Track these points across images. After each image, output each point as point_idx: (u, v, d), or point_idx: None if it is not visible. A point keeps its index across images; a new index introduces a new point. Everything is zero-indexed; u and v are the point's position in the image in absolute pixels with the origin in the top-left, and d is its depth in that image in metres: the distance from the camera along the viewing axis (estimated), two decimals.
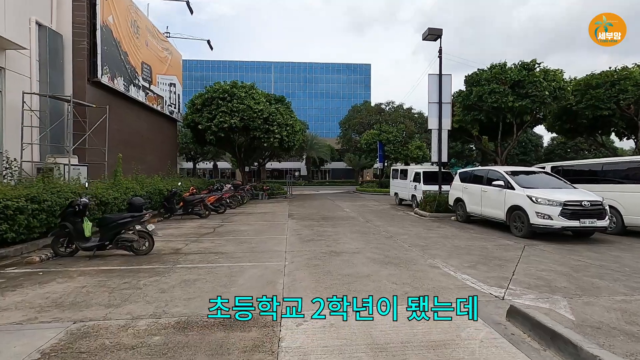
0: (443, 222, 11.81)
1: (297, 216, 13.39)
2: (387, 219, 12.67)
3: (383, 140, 30.49)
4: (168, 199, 12.44)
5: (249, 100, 21.31)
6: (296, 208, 16.87)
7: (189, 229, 10.32)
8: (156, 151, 18.67)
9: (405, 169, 17.73)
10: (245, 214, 14.32)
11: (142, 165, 16.92)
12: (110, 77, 13.15)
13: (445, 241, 8.23)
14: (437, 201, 13.39)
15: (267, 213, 14.51)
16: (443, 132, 14.20)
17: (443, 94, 14.12)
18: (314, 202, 20.42)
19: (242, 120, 20.87)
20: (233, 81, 22.20)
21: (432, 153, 14.25)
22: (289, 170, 62.01)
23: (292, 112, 24.40)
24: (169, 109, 20.25)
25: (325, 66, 73.62)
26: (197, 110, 21.30)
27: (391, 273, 5.45)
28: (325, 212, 14.78)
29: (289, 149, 25.31)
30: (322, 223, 11.34)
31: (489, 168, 10.82)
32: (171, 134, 21.47)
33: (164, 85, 18.90)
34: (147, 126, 17.26)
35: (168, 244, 8.00)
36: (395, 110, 33.99)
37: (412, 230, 9.92)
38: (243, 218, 12.82)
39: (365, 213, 14.54)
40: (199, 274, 5.47)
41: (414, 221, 11.94)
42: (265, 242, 8.11)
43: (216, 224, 11.33)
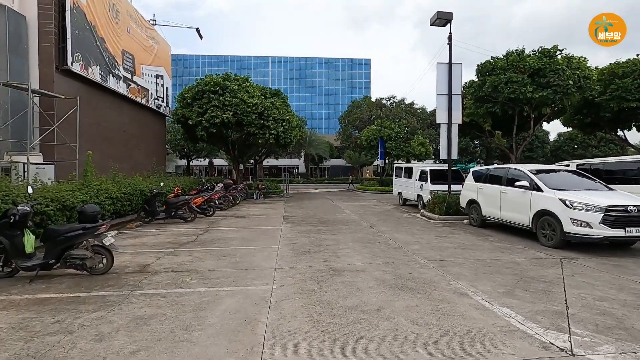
0: (455, 226, 10.58)
1: (293, 219, 12.15)
2: (392, 222, 11.44)
3: (384, 136, 29.21)
4: (149, 201, 11.18)
5: (243, 93, 20.01)
6: (292, 209, 15.62)
7: (168, 236, 9.06)
8: (142, 148, 17.38)
9: (410, 167, 16.49)
10: (236, 216, 13.07)
11: (125, 163, 15.65)
12: (84, 65, 11.83)
13: (464, 253, 6.99)
14: (447, 203, 12.16)
15: (260, 216, 13.26)
16: (453, 127, 12.94)
17: (453, 84, 12.85)
18: (312, 202, 19.18)
19: (235, 115, 19.58)
20: (226, 73, 20.88)
21: (441, 149, 13.00)
22: (287, 167, 60.77)
23: (288, 107, 23.13)
24: (156, 103, 18.92)
25: (324, 61, 72.09)
26: (187, 105, 19.99)
27: (409, 305, 4.21)
28: (324, 215, 13.54)
29: (286, 146, 24.06)
30: (320, 229, 10.10)
31: (508, 166, 9.57)
32: (159, 129, 20.15)
33: (149, 76, 17.58)
34: (130, 121, 15.96)
35: (137, 257, 6.74)
36: (396, 106, 32.67)
37: (423, 237, 8.68)
38: (232, 222, 11.56)
39: (367, 215, 13.31)
40: (159, 306, 4.23)
41: (423, 226, 10.70)
42: (252, 255, 6.86)
43: (201, 229, 10.07)
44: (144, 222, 11.27)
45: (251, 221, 11.77)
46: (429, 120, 32.82)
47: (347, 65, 72.21)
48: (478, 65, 13.36)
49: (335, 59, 72.26)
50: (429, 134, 31.23)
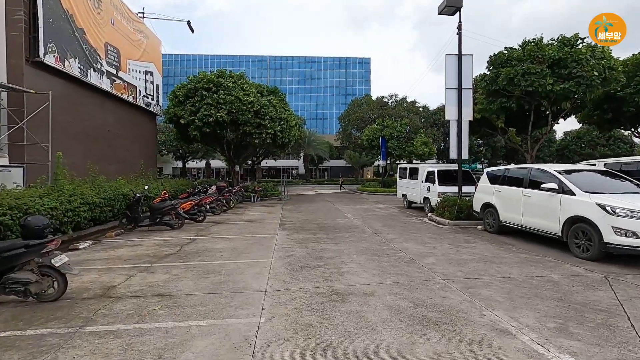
0: (469, 233, 9.56)
1: (290, 225, 11.13)
2: (399, 228, 10.42)
3: (386, 135, 28.23)
4: (131, 206, 10.16)
5: (238, 90, 19.02)
6: (290, 213, 14.61)
7: (148, 247, 8.04)
8: (130, 149, 16.35)
9: (415, 168, 15.48)
10: (228, 222, 12.05)
11: (111, 165, 14.64)
12: (59, 58, 10.81)
13: (489, 268, 5.97)
14: (458, 206, 11.14)
15: (254, 221, 12.24)
16: (463, 124, 11.92)
17: (463, 78, 11.83)
18: (311, 205, 18.16)
19: (230, 113, 18.58)
20: (220, 70, 19.89)
21: (451, 148, 11.99)
22: (286, 168, 59.78)
23: (286, 105, 22.14)
24: (145, 101, 17.90)
25: (323, 60, 71.09)
26: (180, 103, 19.00)
27: (436, 350, 3.19)
28: (324, 219, 12.52)
29: (284, 146, 23.07)
30: (319, 237, 9.08)
31: (530, 166, 8.56)
32: (149, 129, 19.11)
33: (137, 72, 16.57)
34: (116, 119, 14.93)
35: (104, 275, 5.72)
36: (398, 104, 31.66)
37: (437, 247, 7.66)
38: (224, 229, 10.54)
39: (371, 220, 12.29)
40: (108, 353, 3.21)
41: (434, 233, 9.68)
42: (240, 272, 5.84)
43: (187, 238, 9.04)
44: (126, 230, 10.25)
45: (244, 228, 10.75)
46: (431, 119, 31.86)
47: (347, 65, 71.18)
48: (490, 56, 12.34)
49: (335, 58, 71.25)
50: (432, 133, 30.23)
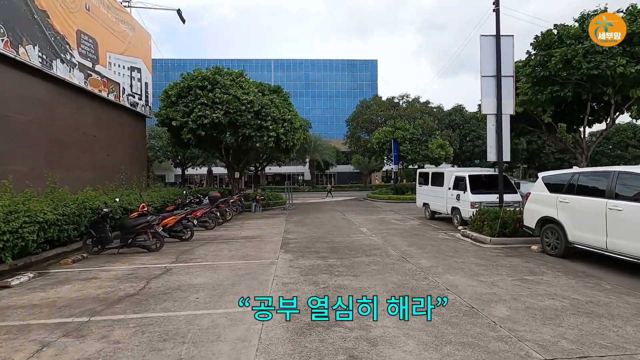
0: (525, 256, 7.40)
1: (295, 245, 9.05)
2: (432, 249, 8.29)
3: (397, 138, 26.12)
4: (96, 224, 8.17)
5: (236, 89, 17.11)
6: (295, 227, 12.54)
7: (103, 282, 6.01)
8: (112, 154, 14.46)
9: (439, 173, 13.35)
10: (220, 240, 10.00)
11: (87, 172, 12.73)
12: (10, 43, 8.95)
13: (604, 330, 3.83)
14: (501, 220, 8.99)
15: (251, 239, 10.18)
16: (504, 119, 9.82)
17: (503, 63, 9.76)
18: (319, 216, 16.07)
19: (227, 114, 16.66)
20: (216, 66, 18.03)
21: (489, 149, 9.88)
22: (292, 175, 57.83)
23: (290, 105, 20.19)
24: (131, 100, 16.04)
25: (328, 63, 69.31)
26: (172, 104, 17.14)
27: None
28: (335, 235, 10.43)
29: (288, 150, 21.06)
30: (332, 263, 6.98)
31: (616, 169, 6.40)
32: (136, 132, 17.23)
33: (120, 68, 14.75)
34: (93, 120, 13.05)
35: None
36: (410, 105, 29.59)
37: (498, 283, 5.52)
38: (212, 251, 8.49)
39: (392, 236, 10.17)
40: None
41: (479, 256, 7.53)
42: (215, 339, 3.78)
43: (161, 267, 7.00)
44: (91, 253, 8.26)
45: (237, 249, 8.68)
46: (446, 120, 29.66)
47: (353, 67, 69.30)
48: (536, 36, 10.20)
49: (341, 61, 69.42)
50: (447, 135, 28.04)
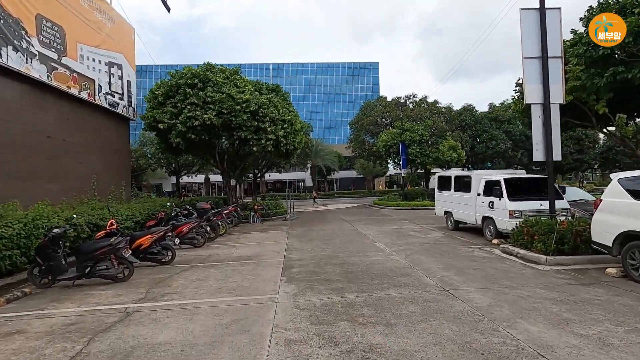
0: (609, 286, 5.57)
1: (299, 269, 7.22)
2: (476, 274, 6.45)
3: (406, 140, 24.35)
4: (42, 249, 6.35)
5: (230, 87, 15.41)
6: (299, 242, 10.72)
7: (27, 341, 4.18)
8: (85, 161, 12.67)
9: (465, 177, 11.54)
10: (207, 263, 8.17)
11: (53, 184, 10.95)
12: None
13: None
14: (558, 233, 7.16)
15: (246, 260, 8.34)
16: (552, 109, 8.05)
17: (549, 42, 8.02)
18: (325, 227, 14.24)
19: (221, 115, 14.94)
20: (208, 63, 16.35)
21: (534, 146, 8.08)
22: (293, 181, 56.08)
23: (290, 105, 18.49)
24: (110, 100, 14.28)
25: (328, 66, 67.76)
26: (159, 105, 15.45)
27: None
28: (348, 255, 8.59)
29: (289, 155, 19.28)
30: (352, 302, 5.13)
31: None
32: (117, 137, 15.45)
33: (95, 62, 13.02)
34: (61, 122, 11.26)
35: None
36: (417, 105, 27.88)
37: (609, 339, 3.68)
38: (193, 281, 6.66)
39: (417, 254, 8.34)
40: None
41: (545, 285, 5.68)
42: None
43: (117, 311, 5.17)
44: (39, 286, 6.43)
45: (227, 276, 6.85)
46: (456, 120, 27.91)
47: (354, 70, 67.73)
48: (589, 8, 8.52)
49: (341, 64, 67.85)
50: (458, 136, 26.27)
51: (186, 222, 10.23)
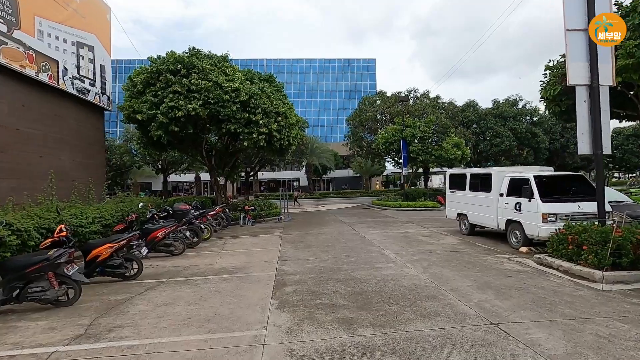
0: None
1: (295, 290, 5.74)
2: (525, 298, 5.05)
3: (407, 137, 22.97)
4: None
5: (217, 74, 13.88)
6: (294, 250, 9.24)
7: None
8: (50, 156, 11.08)
9: (484, 175, 10.15)
10: (181, 278, 6.65)
11: (7, 181, 9.34)
12: None
13: None
14: (614, 242, 5.79)
15: (229, 276, 6.83)
16: (602, 92, 6.68)
17: (598, 10, 6.64)
18: (323, 231, 12.78)
19: (207, 105, 13.42)
20: (194, 48, 14.81)
21: (579, 136, 6.70)
22: (287, 180, 54.54)
23: (284, 97, 17.02)
24: (78, 85, 12.63)
25: (324, 63, 66.24)
26: (139, 94, 13.87)
27: None
28: (354, 267, 7.13)
29: (283, 151, 17.75)
30: (370, 344, 3.67)
31: None
32: (88, 128, 13.78)
33: (59, 41, 11.40)
34: (13, 108, 9.59)
35: None
36: (419, 100, 26.51)
37: None
38: (156, 307, 5.15)
39: (438, 266, 6.92)
40: None
41: (621, 313, 4.29)
42: None
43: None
44: None
45: (202, 299, 5.35)
46: (459, 116, 26.59)
47: (350, 67, 66.27)
48: None
49: (337, 60, 66.35)
50: (462, 133, 24.98)
51: (161, 227, 8.70)
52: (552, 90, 8.38)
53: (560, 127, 28.94)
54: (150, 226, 8.82)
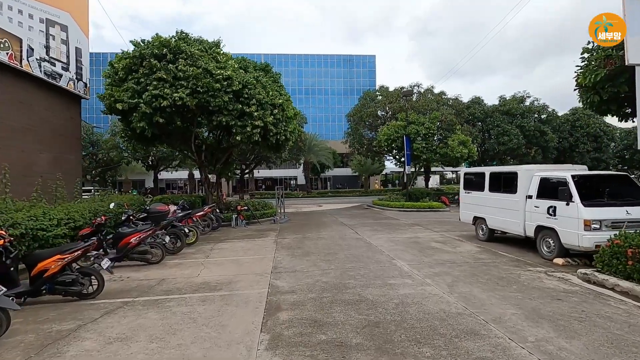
0: None
1: (290, 319, 4.50)
2: (588, 333, 3.85)
3: (411, 134, 21.75)
4: None
5: (208, 60, 12.59)
6: (289, 259, 8.00)
7: None
8: (14, 149, 9.77)
9: (508, 173, 8.94)
10: (147, 300, 5.39)
11: None
12: None
13: None
14: None
15: (210, 295, 5.57)
16: None
17: None
18: (323, 235, 11.54)
19: (196, 94, 12.14)
20: (181, 31, 13.51)
21: (639, 126, 5.50)
22: (284, 179, 53.28)
23: (281, 88, 15.75)
24: (47, 68, 11.30)
25: (323, 59, 64.77)
26: (120, 81, 12.55)
27: None
28: (363, 284, 5.90)
29: (279, 147, 16.46)
30: None
31: None
32: (62, 118, 12.46)
33: (24, 16, 10.07)
34: None
35: None
36: (422, 96, 25.29)
37: None
38: (107, 342, 3.89)
39: (463, 283, 5.71)
40: None
41: None
42: None
43: None
44: None
45: (169, 334, 4.11)
46: (465, 113, 25.39)
47: (350, 64, 64.80)
48: None
49: (336, 56, 64.88)
50: (468, 130, 23.80)
51: (135, 231, 7.43)
52: (593, 76, 7.21)
53: (569, 126, 27.82)
54: (124, 230, 7.55)
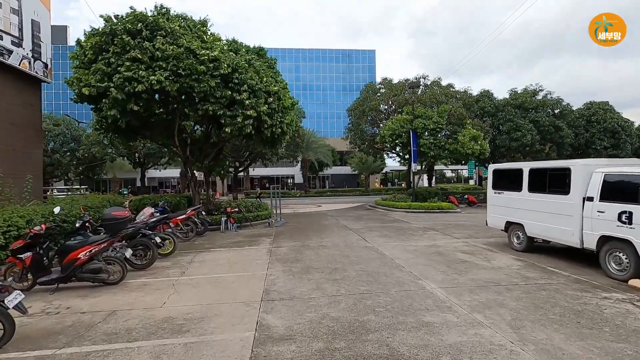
0: None
1: None
2: None
3: (418, 128, 20.09)
4: None
5: (191, 38, 10.84)
6: (286, 278, 6.30)
7: None
8: None
9: (557, 169, 7.27)
10: (70, 356, 3.66)
11: None
12: None
13: None
14: None
15: (167, 346, 3.81)
16: None
17: None
18: (325, 242, 9.83)
19: (177, 77, 10.38)
20: (161, 6, 11.73)
21: None
22: (281, 177, 51.50)
23: (277, 74, 14.01)
24: None
25: (321, 53, 62.90)
26: (90, 63, 10.75)
27: None
28: (387, 323, 4.21)
29: (275, 141, 14.66)
30: None
31: None
32: (15, 105, 10.69)
33: None
34: None
35: None
36: (429, 88, 23.62)
37: None
38: None
39: (529, 322, 4.04)
40: None
41: None
42: None
43: None
44: None
45: None
46: (475, 107, 23.74)
47: (349, 59, 62.96)
48: None
49: (335, 51, 63.09)
50: (478, 125, 22.17)
51: (85, 243, 5.70)
52: None
53: (584, 121, 26.30)
54: (71, 242, 5.82)
